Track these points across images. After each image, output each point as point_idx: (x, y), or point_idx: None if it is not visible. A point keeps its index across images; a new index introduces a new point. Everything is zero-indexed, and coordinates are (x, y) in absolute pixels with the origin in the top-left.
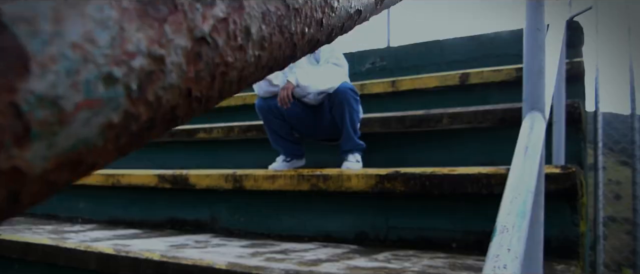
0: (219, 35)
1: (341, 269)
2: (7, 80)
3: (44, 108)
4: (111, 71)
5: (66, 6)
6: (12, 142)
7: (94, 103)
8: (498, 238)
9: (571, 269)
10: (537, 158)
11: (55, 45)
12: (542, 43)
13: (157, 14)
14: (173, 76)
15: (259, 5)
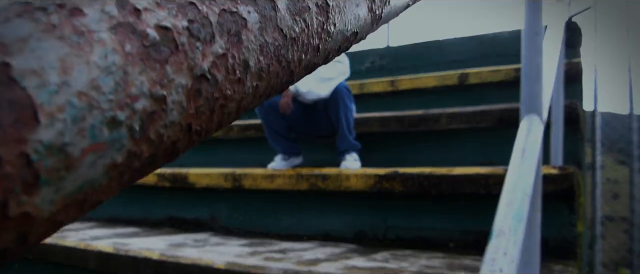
0: (218, 71)
1: (339, 269)
2: (18, 131)
3: (52, 156)
4: (115, 115)
5: (72, 55)
6: (21, 190)
7: (99, 147)
8: (494, 242)
9: (568, 269)
10: (534, 161)
11: (62, 95)
12: (539, 47)
13: (159, 56)
14: (174, 113)
15: (257, 38)
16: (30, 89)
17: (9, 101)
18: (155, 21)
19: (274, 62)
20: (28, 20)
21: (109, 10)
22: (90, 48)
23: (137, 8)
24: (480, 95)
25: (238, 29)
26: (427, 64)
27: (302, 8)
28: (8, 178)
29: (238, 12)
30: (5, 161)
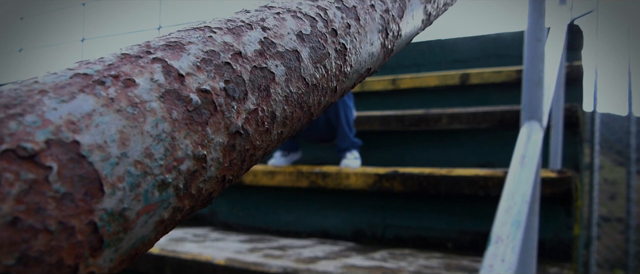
0: (249, 126)
1: (338, 268)
2: (87, 203)
3: (113, 221)
4: (165, 178)
5: (129, 127)
6: (89, 254)
7: (151, 208)
8: (493, 248)
9: (564, 271)
10: (534, 168)
11: (122, 166)
12: (541, 54)
13: (200, 119)
14: (212, 169)
15: (283, 90)
16: (96, 164)
17: (79, 176)
18: (196, 85)
19: (297, 109)
20: (90, 95)
21: (158, 79)
22: (143, 118)
23: (181, 74)
24: (481, 95)
25: (267, 83)
26: (428, 63)
27: (322, 55)
28: (79, 245)
29: (267, 67)
30: (77, 230)
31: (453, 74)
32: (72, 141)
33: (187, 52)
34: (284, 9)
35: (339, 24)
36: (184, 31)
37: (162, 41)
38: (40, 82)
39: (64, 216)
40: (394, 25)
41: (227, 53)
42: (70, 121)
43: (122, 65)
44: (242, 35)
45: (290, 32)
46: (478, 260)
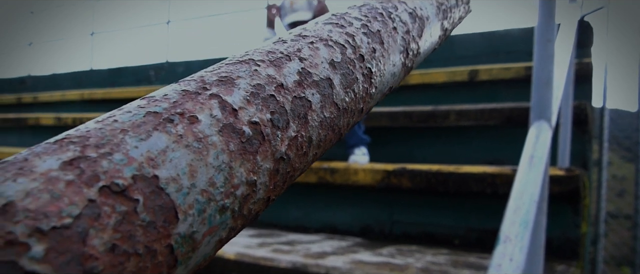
0: (291, 151)
1: (347, 263)
2: (165, 229)
3: (185, 243)
4: (224, 203)
5: (196, 160)
6: (166, 272)
7: (213, 229)
8: (501, 248)
9: (571, 270)
10: (542, 168)
11: (192, 195)
12: (551, 54)
13: (252, 148)
14: (260, 192)
15: (318, 115)
16: (171, 195)
17: (159, 206)
18: (247, 118)
19: (329, 132)
20: (163, 133)
21: (216, 115)
22: (206, 151)
23: (234, 108)
24: (490, 92)
25: (305, 111)
26: (437, 59)
27: (351, 80)
28: (159, 265)
29: (305, 96)
30: (158, 252)
31: (461, 71)
32: (152, 175)
33: (237, 86)
34: (317, 37)
35: (365, 50)
36: (231, 64)
37: (214, 76)
38: (119, 121)
39: (149, 241)
40: (414, 44)
41: (271, 86)
42: (150, 157)
43: (185, 103)
44: (283, 68)
45: (324, 61)
46: (485, 257)
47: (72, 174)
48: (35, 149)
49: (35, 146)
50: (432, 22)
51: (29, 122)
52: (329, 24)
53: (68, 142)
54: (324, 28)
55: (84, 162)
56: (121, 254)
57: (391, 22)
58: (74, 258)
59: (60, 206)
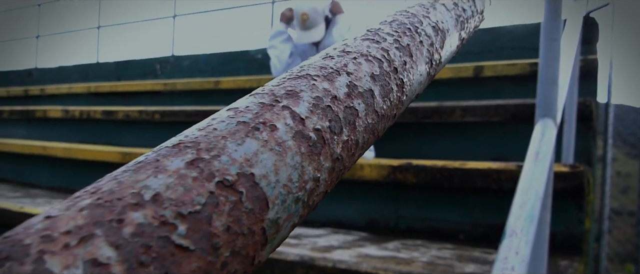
0: (344, 152)
1: (353, 257)
2: (260, 215)
3: (273, 227)
4: (298, 195)
5: (278, 161)
6: (260, 249)
7: (290, 216)
8: (507, 242)
9: (574, 265)
10: (547, 164)
11: (277, 188)
12: (557, 53)
13: (316, 151)
14: (322, 187)
15: (363, 121)
16: (264, 188)
17: (256, 197)
18: (312, 125)
19: (371, 135)
20: (253, 139)
21: (289, 123)
22: (285, 154)
23: (302, 118)
24: (495, 88)
25: (354, 118)
26: None
27: (388, 90)
28: (256, 243)
29: (353, 106)
30: (256, 233)
31: (467, 67)
32: (250, 173)
33: (302, 99)
34: (358, 53)
35: (398, 63)
36: (293, 79)
37: (281, 89)
38: (218, 129)
39: (250, 224)
40: (437, 55)
41: (327, 97)
42: (246, 158)
43: (264, 113)
44: (335, 81)
45: (366, 75)
46: (489, 252)
47: (195, 172)
48: (160, 151)
49: (158, 149)
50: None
51: (37, 115)
52: (367, 39)
53: (184, 146)
54: (363, 44)
55: (201, 163)
56: (233, 233)
57: (418, 36)
58: (204, 235)
59: (191, 196)
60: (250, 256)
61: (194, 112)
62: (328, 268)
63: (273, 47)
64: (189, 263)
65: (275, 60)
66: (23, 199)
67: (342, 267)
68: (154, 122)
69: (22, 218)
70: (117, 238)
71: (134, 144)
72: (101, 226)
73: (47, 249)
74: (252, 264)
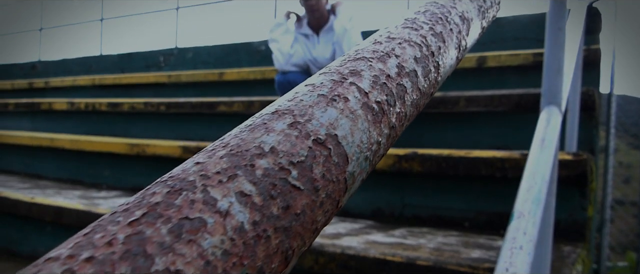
0: (397, 122)
1: (361, 243)
2: (343, 168)
3: (350, 178)
4: (367, 154)
5: (353, 126)
6: (343, 195)
7: (361, 171)
8: (515, 223)
9: (577, 251)
10: (552, 150)
11: (354, 147)
12: (562, 42)
13: (378, 119)
14: (382, 149)
15: (410, 97)
16: (345, 146)
17: (339, 153)
18: (374, 98)
19: (415, 109)
20: (332, 108)
21: (357, 96)
22: (357, 120)
23: (366, 92)
24: (498, 78)
25: (403, 94)
26: None
27: (427, 71)
28: (341, 190)
29: (403, 83)
30: (340, 182)
31: (470, 57)
32: (334, 134)
33: (363, 77)
34: (402, 39)
35: (434, 48)
36: (352, 61)
37: (346, 69)
38: (304, 100)
39: (336, 174)
40: (464, 41)
41: (383, 76)
42: (330, 123)
43: (337, 88)
44: (387, 62)
45: (410, 58)
46: (494, 238)
47: (296, 132)
48: (263, 117)
49: (260, 115)
50: (475, 23)
51: (42, 107)
52: (407, 28)
53: (282, 113)
54: (404, 31)
55: (299, 125)
56: (327, 180)
57: (448, 25)
58: (309, 179)
59: (297, 150)
60: (337, 200)
61: (199, 103)
62: (337, 254)
63: (274, 41)
64: (300, 200)
65: (277, 53)
66: (33, 190)
67: (351, 253)
68: (159, 114)
69: (34, 208)
70: (253, 177)
71: (139, 135)
72: (240, 168)
73: (208, 184)
74: (337, 207)
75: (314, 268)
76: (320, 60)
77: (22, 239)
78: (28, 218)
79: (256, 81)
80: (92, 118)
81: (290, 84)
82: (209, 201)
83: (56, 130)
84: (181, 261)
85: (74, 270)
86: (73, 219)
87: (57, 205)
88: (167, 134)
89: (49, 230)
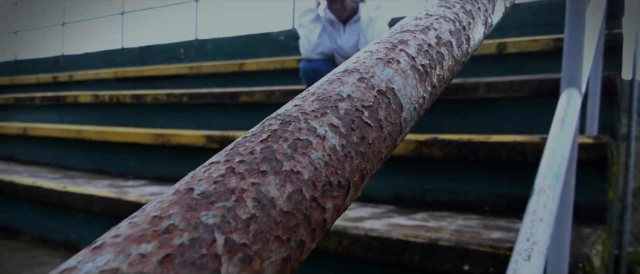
0: (437, 83)
1: (384, 226)
2: (399, 114)
3: (404, 123)
4: (415, 106)
5: (405, 82)
6: (399, 136)
7: (412, 120)
8: (536, 197)
9: (597, 232)
10: (572, 130)
11: (405, 98)
12: (582, 25)
13: (423, 79)
14: (426, 104)
15: (446, 63)
16: (400, 98)
17: (396, 102)
18: (419, 62)
19: (450, 74)
20: (388, 68)
21: (406, 59)
22: (407, 78)
23: (412, 56)
24: (518, 64)
25: (441, 60)
26: None
27: (460, 42)
28: (398, 131)
29: (441, 51)
30: (398, 125)
31: (490, 44)
32: (391, 88)
33: (410, 45)
34: (438, 15)
35: (465, 23)
36: (399, 33)
37: (395, 39)
38: (366, 62)
39: (394, 118)
40: (490, 18)
41: (425, 45)
42: (387, 79)
43: (390, 53)
44: (427, 34)
45: (446, 31)
46: (514, 221)
47: (364, 84)
48: (337, 74)
49: (333, 73)
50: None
51: (68, 100)
52: (442, 6)
53: (350, 71)
54: (440, 9)
55: (365, 80)
56: (388, 121)
57: (477, 4)
58: (376, 119)
59: (366, 97)
60: (394, 138)
61: (221, 94)
62: (361, 236)
63: (302, 26)
64: (371, 133)
65: (304, 39)
66: (64, 180)
67: (374, 235)
68: (181, 105)
69: (66, 196)
70: (338, 114)
71: (163, 125)
72: (328, 108)
73: (308, 118)
74: (394, 145)
75: (338, 250)
76: (345, 49)
77: (55, 227)
78: (60, 207)
79: (276, 70)
80: (116, 110)
81: (314, 71)
82: (311, 129)
83: (82, 122)
84: (299, 166)
85: (233, 168)
86: (104, 207)
87: (89, 193)
88: (189, 124)
89: (81, 218)
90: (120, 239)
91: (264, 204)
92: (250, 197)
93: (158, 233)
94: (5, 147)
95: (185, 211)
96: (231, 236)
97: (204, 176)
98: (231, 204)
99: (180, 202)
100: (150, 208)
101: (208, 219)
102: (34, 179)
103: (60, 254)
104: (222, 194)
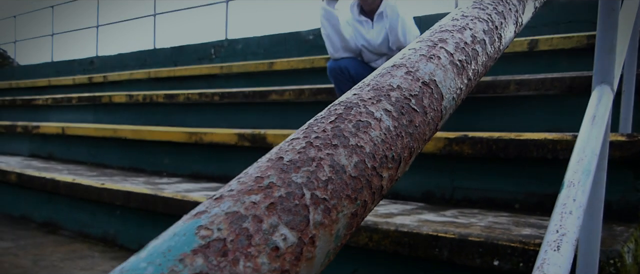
0: (472, 76)
1: (414, 222)
2: (440, 102)
3: (444, 110)
4: (453, 96)
5: (443, 75)
6: (439, 122)
7: (451, 107)
8: (565, 191)
9: (630, 230)
10: (603, 126)
11: (445, 89)
12: (615, 22)
13: (460, 72)
14: (462, 95)
15: (480, 59)
16: (441, 88)
17: (438, 92)
18: (456, 57)
19: (484, 69)
20: (430, 63)
21: (445, 55)
22: (447, 72)
23: (451, 53)
24: (550, 62)
25: (476, 56)
26: None
27: (493, 41)
28: (438, 118)
29: (475, 48)
30: (439, 111)
31: (521, 41)
32: (433, 79)
33: (448, 43)
34: (472, 16)
35: (498, 23)
36: (438, 32)
37: (435, 38)
38: (411, 58)
39: (436, 106)
40: (520, 18)
41: (461, 43)
42: (430, 72)
43: (431, 50)
44: (464, 33)
45: (480, 31)
46: (545, 219)
47: (410, 77)
48: (386, 68)
49: (382, 68)
50: (529, 3)
51: (103, 100)
52: (476, 8)
53: (398, 66)
54: (474, 10)
55: (411, 73)
56: (431, 108)
57: (508, 5)
58: (421, 105)
59: (413, 87)
60: (436, 123)
61: (252, 93)
62: (391, 231)
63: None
64: (417, 118)
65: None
66: (101, 177)
67: (404, 230)
68: (213, 104)
69: (104, 193)
70: (390, 101)
71: (195, 124)
72: (381, 96)
73: (366, 104)
74: (436, 129)
75: (368, 245)
76: (373, 44)
77: (93, 222)
78: (99, 203)
79: (305, 70)
80: (149, 109)
81: (341, 70)
82: (369, 112)
83: (117, 121)
84: (362, 141)
85: (311, 142)
86: (140, 203)
87: (126, 190)
88: (221, 123)
89: (118, 213)
90: (235, 192)
91: (337, 170)
92: (326, 164)
93: (262, 188)
94: (44, 147)
95: (279, 173)
96: (315, 192)
97: (289, 148)
98: (313, 169)
99: (274, 167)
100: (252, 171)
101: (297, 179)
102: (74, 177)
103: (99, 248)
104: (305, 161)
